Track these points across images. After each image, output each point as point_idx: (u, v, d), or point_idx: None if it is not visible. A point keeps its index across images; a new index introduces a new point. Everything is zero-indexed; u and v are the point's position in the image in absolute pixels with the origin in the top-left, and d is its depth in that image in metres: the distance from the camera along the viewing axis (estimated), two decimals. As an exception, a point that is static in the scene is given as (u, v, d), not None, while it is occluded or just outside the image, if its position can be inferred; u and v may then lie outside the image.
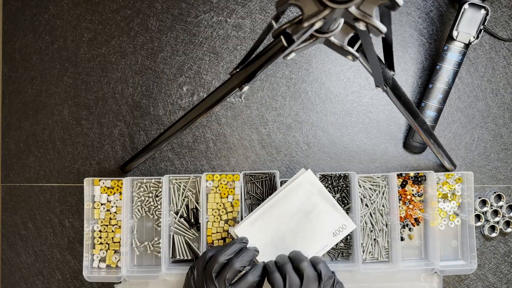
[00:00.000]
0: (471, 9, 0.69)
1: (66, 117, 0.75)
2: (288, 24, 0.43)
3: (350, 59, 0.46)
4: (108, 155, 0.74)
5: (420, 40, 0.75)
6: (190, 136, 0.74)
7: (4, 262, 0.74)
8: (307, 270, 0.58)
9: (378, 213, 0.72)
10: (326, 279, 0.58)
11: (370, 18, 0.37)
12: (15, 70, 0.75)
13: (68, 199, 0.74)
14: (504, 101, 0.75)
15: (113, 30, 0.75)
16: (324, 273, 0.58)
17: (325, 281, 0.57)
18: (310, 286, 0.57)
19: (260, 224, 0.65)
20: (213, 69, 0.74)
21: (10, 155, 0.75)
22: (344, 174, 0.72)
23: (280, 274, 0.59)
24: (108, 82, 0.75)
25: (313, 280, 0.57)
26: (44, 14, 0.75)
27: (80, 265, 0.73)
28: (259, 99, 0.75)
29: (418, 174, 0.72)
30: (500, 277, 0.74)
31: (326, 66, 0.75)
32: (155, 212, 0.72)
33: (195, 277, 0.58)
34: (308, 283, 0.57)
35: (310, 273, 0.58)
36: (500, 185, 0.75)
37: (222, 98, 0.55)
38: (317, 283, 0.57)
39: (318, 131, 0.74)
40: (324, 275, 0.58)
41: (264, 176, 0.72)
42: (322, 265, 0.59)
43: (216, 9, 0.75)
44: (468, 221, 0.70)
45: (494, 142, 0.75)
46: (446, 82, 0.71)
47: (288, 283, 0.57)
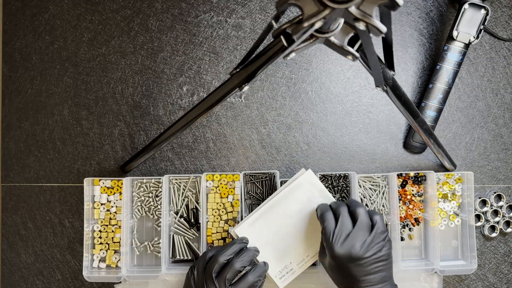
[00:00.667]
0: (471, 9, 0.69)
1: (66, 117, 0.75)
2: (288, 24, 0.43)
3: (350, 59, 0.46)
4: (108, 155, 0.74)
5: (420, 40, 0.75)
6: (190, 136, 0.74)
7: (4, 262, 0.74)
8: (362, 216, 0.56)
9: (378, 213, 0.72)
10: (379, 232, 0.56)
11: (370, 18, 0.37)
12: (15, 70, 0.75)
13: (68, 199, 0.74)
14: (504, 101, 0.75)
15: (113, 30, 0.75)
16: (378, 225, 0.56)
17: (377, 233, 0.56)
18: (361, 233, 0.55)
19: (260, 224, 0.65)
20: (213, 69, 0.74)
21: (10, 155, 0.75)
22: (344, 174, 0.72)
23: (333, 214, 0.58)
24: (108, 82, 0.75)
25: (366, 228, 0.56)
26: (44, 14, 0.75)
27: (80, 265, 0.73)
28: (259, 99, 0.75)
29: (418, 174, 0.72)
30: (500, 277, 0.74)
31: (326, 66, 0.75)
32: (155, 212, 0.72)
33: (195, 277, 0.58)
34: (359, 229, 0.55)
35: (364, 220, 0.56)
36: (500, 185, 0.75)
37: (222, 98, 0.55)
38: (369, 233, 0.55)
39: (318, 131, 0.74)
40: (377, 226, 0.56)
41: (264, 176, 0.72)
42: (378, 217, 0.57)
43: (216, 9, 0.75)
44: (468, 221, 0.70)
45: (494, 142, 0.75)
46: (446, 82, 0.71)
47: (339, 224, 0.56)
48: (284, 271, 0.65)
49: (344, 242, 0.55)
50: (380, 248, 0.55)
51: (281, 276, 0.64)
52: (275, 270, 0.64)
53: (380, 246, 0.55)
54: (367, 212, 0.58)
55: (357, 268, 0.55)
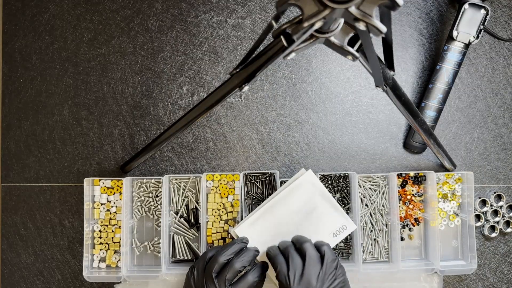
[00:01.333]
0: (471, 9, 0.69)
1: (66, 117, 0.75)
2: (288, 24, 0.43)
3: (350, 59, 0.46)
4: (108, 155, 0.74)
5: (420, 40, 0.75)
6: (190, 136, 0.74)
7: (4, 262, 0.74)
8: (309, 250, 0.57)
9: (378, 213, 0.72)
10: (330, 261, 0.57)
11: (370, 18, 0.37)
12: (15, 70, 0.75)
13: (68, 199, 0.74)
14: (504, 101, 0.75)
15: (113, 30, 0.75)
16: (327, 255, 0.57)
17: (328, 263, 0.56)
18: (312, 267, 0.56)
19: (260, 224, 0.65)
20: (213, 69, 0.74)
21: (10, 155, 0.75)
22: (344, 174, 0.72)
23: (283, 256, 0.58)
24: (108, 82, 0.75)
25: (316, 261, 0.56)
26: (44, 14, 0.75)
27: (80, 265, 0.73)
28: (259, 99, 0.74)
29: (418, 174, 0.72)
30: (500, 277, 0.74)
31: (326, 66, 0.75)
32: (155, 212, 0.72)
33: (195, 277, 0.58)
34: (310, 264, 0.56)
35: (313, 254, 0.57)
36: (500, 185, 0.75)
37: (222, 98, 0.55)
38: (320, 265, 0.56)
39: (318, 131, 0.74)
40: (327, 257, 0.57)
41: (264, 176, 0.72)
42: (325, 247, 0.58)
43: (216, 9, 0.75)
44: (468, 221, 0.70)
45: (494, 142, 0.75)
46: (446, 82, 0.71)
47: (291, 265, 0.56)
48: (284, 271, 0.64)
49: (300, 282, 0.55)
50: (335, 277, 0.56)
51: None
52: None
53: (334, 275, 0.56)
54: (313, 245, 0.59)
55: None
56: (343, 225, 0.66)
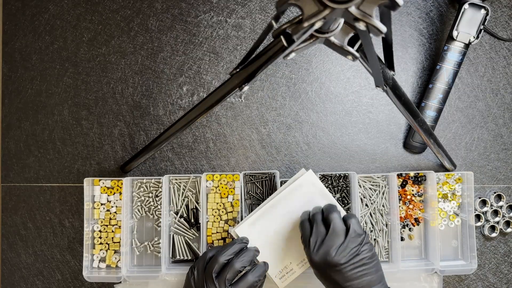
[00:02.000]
0: (471, 9, 0.69)
1: (66, 117, 0.75)
2: (288, 24, 0.43)
3: (350, 59, 0.46)
4: (108, 155, 0.74)
5: (420, 40, 0.75)
6: (190, 136, 0.74)
7: (4, 262, 0.74)
8: (334, 221, 0.56)
9: (378, 213, 0.72)
10: (353, 236, 0.55)
11: (370, 18, 0.37)
12: (15, 70, 0.75)
13: (68, 199, 0.74)
14: (504, 101, 0.75)
15: (113, 30, 0.75)
16: (352, 229, 0.55)
17: (351, 237, 0.55)
18: (334, 238, 0.55)
19: (260, 224, 0.65)
20: (213, 69, 0.74)
21: (10, 155, 0.75)
22: (344, 174, 0.72)
23: (309, 223, 0.59)
24: (108, 82, 0.75)
25: (341, 233, 0.55)
26: (44, 14, 0.75)
27: (80, 265, 0.73)
28: (259, 99, 0.74)
29: (418, 174, 0.72)
30: (500, 277, 0.74)
31: (326, 66, 0.75)
32: (155, 212, 0.72)
33: (195, 277, 0.58)
34: (332, 235, 0.55)
35: (338, 225, 0.56)
36: (500, 185, 0.75)
37: (222, 98, 0.55)
38: (344, 238, 0.55)
39: (318, 131, 0.74)
40: (352, 231, 0.55)
41: (264, 176, 0.72)
42: (353, 220, 0.57)
43: (216, 9, 0.75)
44: (468, 221, 0.70)
45: (494, 142, 0.75)
46: (446, 82, 0.71)
47: (314, 232, 0.56)
48: (284, 271, 0.64)
49: (319, 250, 0.55)
50: (357, 253, 0.54)
51: (281, 276, 0.64)
52: (275, 270, 0.64)
53: (356, 250, 0.54)
54: (340, 216, 0.58)
55: (337, 275, 0.54)
56: (343, 225, 0.66)
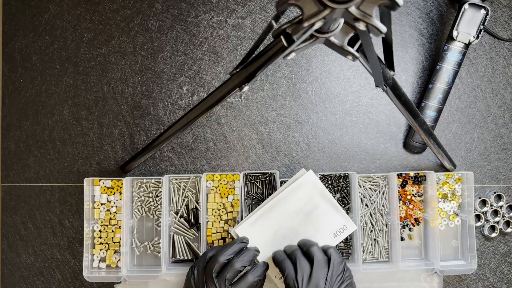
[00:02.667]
0: (471, 9, 0.69)
1: (66, 117, 0.75)
2: (288, 24, 0.43)
3: (350, 59, 0.46)
4: (108, 155, 0.74)
5: (420, 40, 0.75)
6: (190, 136, 0.74)
7: (4, 262, 0.74)
8: (317, 254, 0.57)
9: (378, 213, 0.72)
10: (336, 263, 0.57)
11: (370, 18, 0.37)
12: (15, 70, 0.75)
13: (68, 199, 0.74)
14: (504, 101, 0.75)
15: (113, 30, 0.75)
16: (334, 257, 0.57)
17: (335, 265, 0.57)
18: (320, 271, 0.56)
19: (260, 224, 0.65)
20: (213, 69, 0.74)
21: (10, 155, 0.75)
22: (344, 174, 0.72)
23: (290, 260, 0.58)
24: (108, 82, 0.75)
25: (323, 265, 0.56)
26: (44, 14, 0.75)
27: (80, 265, 0.73)
28: (259, 99, 0.74)
29: (418, 174, 0.72)
30: (500, 277, 0.74)
31: (326, 66, 0.75)
32: (155, 212, 0.72)
33: (195, 277, 0.58)
34: (318, 267, 0.56)
35: (320, 257, 0.57)
36: (500, 185, 0.75)
37: (222, 98, 0.55)
38: (327, 268, 0.56)
39: (318, 131, 0.74)
40: (333, 259, 0.57)
41: (264, 176, 0.72)
42: (332, 250, 0.59)
43: (216, 9, 0.75)
44: (468, 221, 0.70)
45: (494, 142, 0.75)
46: (446, 82, 0.71)
47: (298, 268, 0.56)
48: (284, 271, 0.64)
49: (308, 285, 0.55)
50: (342, 280, 0.57)
51: (281, 276, 0.64)
52: (275, 270, 0.64)
53: (341, 277, 0.57)
54: (320, 248, 0.59)
55: None
56: (343, 226, 0.66)
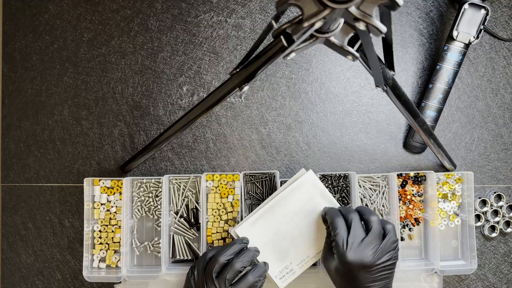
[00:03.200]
0: (471, 9, 0.69)
1: (66, 117, 0.75)
2: (288, 24, 0.43)
3: (350, 59, 0.46)
4: (108, 155, 0.74)
5: (420, 40, 0.75)
6: (190, 136, 0.74)
7: (4, 262, 0.74)
8: (375, 224, 0.56)
9: (378, 213, 0.72)
10: (391, 241, 0.56)
11: (370, 18, 0.37)
12: (15, 70, 0.75)
13: (68, 199, 0.74)
14: (504, 101, 0.75)
15: (113, 30, 0.75)
16: (391, 234, 0.56)
17: (389, 241, 0.56)
18: (373, 241, 0.55)
19: (261, 225, 0.65)
20: (213, 69, 0.74)
21: (10, 155, 0.75)
22: (344, 174, 0.72)
23: (344, 220, 0.57)
24: (108, 82, 0.75)
25: (378, 237, 0.56)
26: (44, 14, 0.75)
27: (80, 265, 0.73)
28: (259, 99, 0.74)
29: (418, 174, 0.72)
30: (500, 277, 0.74)
31: (326, 66, 0.75)
32: (155, 212, 0.72)
33: (196, 277, 0.58)
34: (372, 237, 0.55)
35: (377, 229, 0.56)
36: (500, 185, 0.75)
37: (222, 98, 0.55)
38: (380, 241, 0.55)
39: (318, 131, 0.74)
40: (390, 236, 0.56)
41: (264, 176, 0.72)
42: (391, 226, 0.57)
43: (216, 9, 0.75)
44: (468, 221, 0.70)
45: (494, 142, 0.75)
46: (446, 82, 0.71)
47: (352, 231, 0.55)
48: (284, 272, 0.64)
49: (357, 250, 0.54)
50: (390, 257, 0.56)
51: (281, 276, 0.64)
52: (275, 270, 0.64)
53: (390, 254, 0.56)
54: (380, 220, 0.58)
55: (365, 275, 0.55)
56: (343, 225, 0.66)
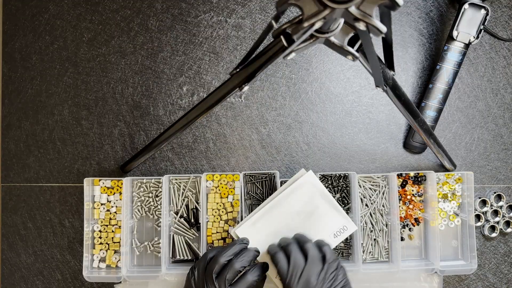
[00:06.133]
0: (471, 9, 0.69)
1: (66, 117, 0.75)
2: (288, 24, 0.43)
3: (350, 59, 0.46)
4: (108, 155, 0.74)
5: (420, 40, 0.75)
6: (190, 136, 0.74)
7: (4, 262, 0.74)
8: (311, 250, 0.57)
9: (378, 213, 0.72)
10: (331, 261, 0.57)
11: (370, 18, 0.37)
12: (15, 70, 0.75)
13: (68, 199, 0.74)
14: (504, 101, 0.75)
15: (113, 30, 0.75)
16: (329, 255, 0.57)
17: (329, 263, 0.57)
18: (314, 267, 0.56)
19: (261, 225, 0.65)
20: (213, 69, 0.74)
21: (10, 155, 0.75)
22: (344, 174, 0.72)
23: (284, 253, 0.58)
24: (108, 82, 0.75)
25: (318, 261, 0.56)
26: (44, 14, 0.75)
27: (80, 265, 0.73)
28: (259, 99, 0.74)
29: (418, 174, 0.72)
30: (500, 277, 0.74)
31: (326, 66, 0.75)
32: (155, 212, 0.72)
33: (196, 277, 0.58)
34: (312, 263, 0.56)
35: (315, 254, 0.57)
36: (500, 185, 0.75)
37: (222, 98, 0.55)
38: (322, 265, 0.56)
39: (318, 131, 0.74)
40: (329, 257, 0.57)
41: (264, 177, 0.72)
42: (327, 247, 0.59)
43: (216, 9, 0.75)
44: (468, 221, 0.70)
45: (494, 142, 0.75)
46: (446, 82, 0.71)
47: (292, 263, 0.56)
48: (284, 271, 0.64)
49: (300, 280, 0.55)
50: (335, 277, 0.56)
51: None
52: (275, 270, 0.64)
53: (334, 275, 0.56)
54: (315, 245, 0.59)
55: None
56: (343, 226, 0.66)
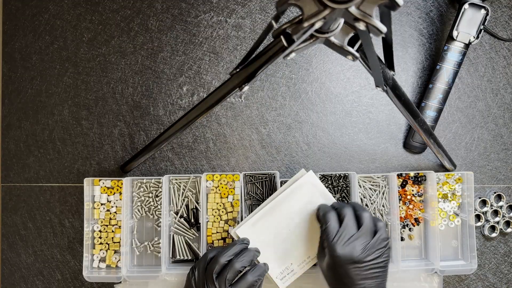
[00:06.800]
0: (471, 9, 0.69)
1: (66, 117, 0.75)
2: (288, 24, 0.43)
3: (350, 59, 0.46)
4: (108, 155, 0.74)
5: (420, 40, 0.75)
6: (190, 136, 0.74)
7: (4, 262, 0.74)
8: (367, 220, 0.57)
9: (378, 213, 0.72)
10: (381, 238, 0.56)
11: (370, 18, 0.37)
12: (15, 70, 0.75)
13: (68, 199, 0.74)
14: (504, 101, 0.75)
15: (113, 30, 0.75)
16: (381, 231, 0.56)
17: (379, 238, 0.56)
18: (364, 237, 0.55)
19: (261, 225, 0.65)
20: (213, 69, 0.74)
21: (10, 155, 0.75)
22: (344, 174, 0.72)
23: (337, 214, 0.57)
24: (108, 82, 0.75)
25: (369, 233, 0.56)
26: (44, 14, 0.75)
27: (80, 265, 0.73)
28: (259, 99, 0.74)
29: (418, 174, 0.72)
30: (500, 277, 0.74)
31: (326, 66, 0.75)
32: (155, 212, 0.72)
33: (196, 277, 0.58)
34: (363, 232, 0.55)
35: (369, 225, 0.56)
36: (500, 185, 0.75)
37: (222, 98, 0.55)
38: (371, 238, 0.56)
39: (318, 131, 0.74)
40: (380, 233, 0.56)
41: (264, 177, 0.72)
42: (382, 224, 0.58)
43: (216, 9, 0.75)
44: (468, 221, 0.70)
45: (494, 142, 0.75)
46: (446, 82, 0.71)
47: (344, 225, 0.56)
48: (285, 272, 0.64)
49: (346, 243, 0.55)
50: (380, 254, 0.56)
51: (282, 277, 0.64)
52: (276, 271, 0.64)
53: (380, 252, 0.56)
54: (372, 217, 0.58)
55: (355, 271, 0.55)
56: (343, 225, 0.66)
